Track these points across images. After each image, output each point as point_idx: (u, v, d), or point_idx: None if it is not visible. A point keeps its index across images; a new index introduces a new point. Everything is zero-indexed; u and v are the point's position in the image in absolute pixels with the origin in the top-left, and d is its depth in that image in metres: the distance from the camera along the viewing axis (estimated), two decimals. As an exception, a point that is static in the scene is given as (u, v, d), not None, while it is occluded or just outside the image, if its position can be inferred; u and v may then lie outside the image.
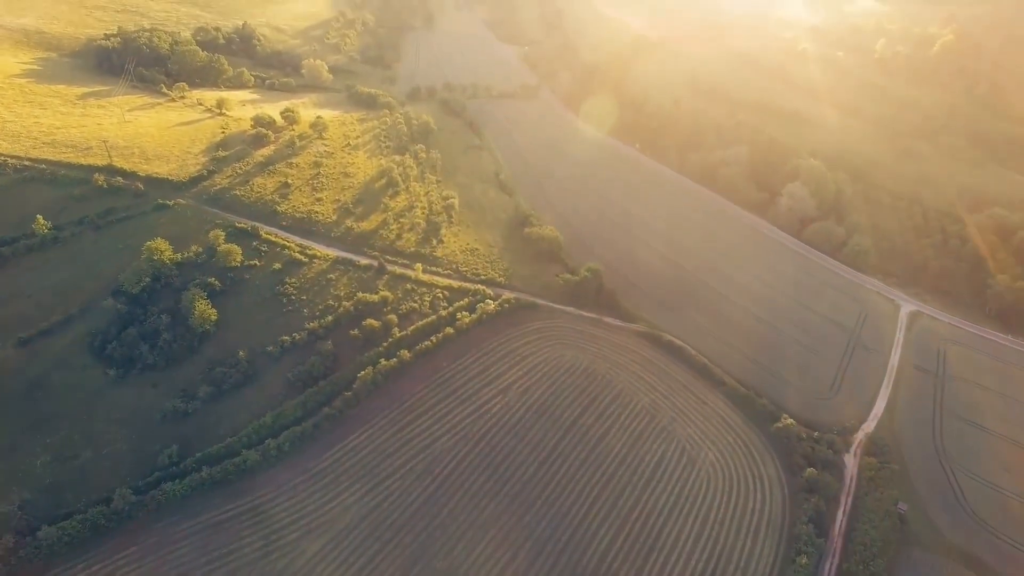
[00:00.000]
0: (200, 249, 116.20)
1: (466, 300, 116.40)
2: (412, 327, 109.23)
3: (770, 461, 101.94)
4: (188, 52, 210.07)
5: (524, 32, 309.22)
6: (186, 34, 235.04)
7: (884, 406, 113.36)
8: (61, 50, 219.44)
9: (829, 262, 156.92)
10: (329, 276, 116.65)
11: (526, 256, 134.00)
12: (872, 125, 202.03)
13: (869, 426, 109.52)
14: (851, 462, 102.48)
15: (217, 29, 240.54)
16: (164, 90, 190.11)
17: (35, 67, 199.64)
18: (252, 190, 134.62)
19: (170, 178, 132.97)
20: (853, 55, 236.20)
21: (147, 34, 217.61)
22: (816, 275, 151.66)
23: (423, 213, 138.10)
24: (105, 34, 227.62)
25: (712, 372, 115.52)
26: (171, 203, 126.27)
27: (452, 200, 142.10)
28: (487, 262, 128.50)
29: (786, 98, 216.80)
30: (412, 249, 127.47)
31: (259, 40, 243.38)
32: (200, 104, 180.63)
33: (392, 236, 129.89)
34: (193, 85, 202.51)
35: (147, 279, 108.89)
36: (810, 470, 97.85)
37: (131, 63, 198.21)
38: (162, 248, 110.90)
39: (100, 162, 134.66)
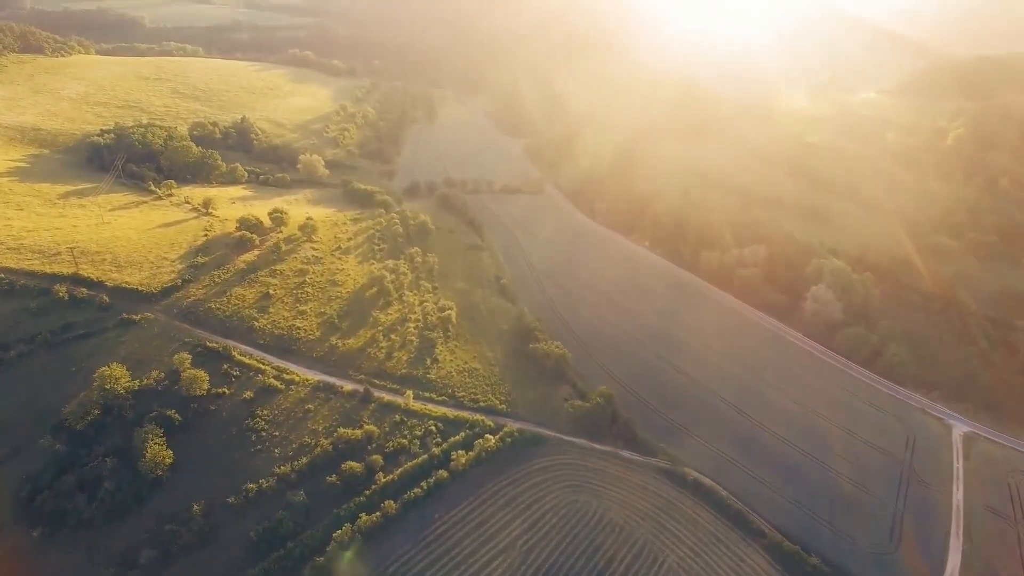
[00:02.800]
0: (162, 374, 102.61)
1: (462, 434, 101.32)
2: (399, 470, 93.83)
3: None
4: (181, 148, 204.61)
5: (526, 123, 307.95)
6: (183, 129, 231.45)
7: (959, 563, 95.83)
8: (54, 147, 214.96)
9: (864, 374, 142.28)
10: (307, 406, 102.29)
11: (530, 376, 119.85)
12: (892, 220, 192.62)
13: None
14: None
15: (214, 124, 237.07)
16: (152, 187, 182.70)
17: (23, 165, 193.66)
18: (229, 302, 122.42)
19: (140, 289, 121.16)
20: (863, 147, 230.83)
21: (141, 130, 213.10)
22: (852, 390, 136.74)
23: (416, 327, 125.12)
24: (101, 130, 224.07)
25: (748, 520, 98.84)
26: (137, 318, 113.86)
27: (449, 312, 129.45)
28: (487, 385, 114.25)
29: (800, 192, 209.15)
30: (403, 371, 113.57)
31: (257, 134, 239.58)
32: (187, 203, 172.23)
33: (381, 355, 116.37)
34: (185, 181, 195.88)
35: (96, 411, 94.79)
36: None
37: (120, 159, 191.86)
38: (117, 375, 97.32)
39: (66, 270, 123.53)
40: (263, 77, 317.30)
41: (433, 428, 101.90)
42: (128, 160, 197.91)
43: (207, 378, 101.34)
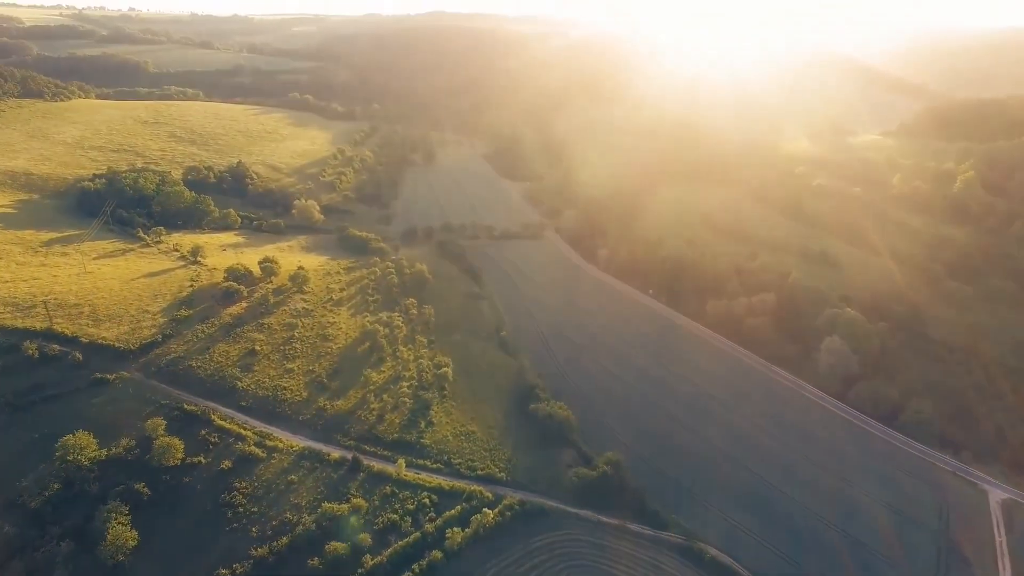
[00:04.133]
0: (133, 442, 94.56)
1: (458, 508, 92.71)
2: (389, 551, 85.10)
3: None
4: (173, 193, 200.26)
5: (526, 167, 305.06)
6: (177, 173, 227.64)
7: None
8: (45, 192, 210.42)
9: (885, 432, 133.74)
10: (290, 477, 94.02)
11: (532, 439, 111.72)
12: (905, 266, 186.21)
13: None
14: None
15: (209, 168, 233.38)
16: (141, 234, 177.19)
17: (10, 210, 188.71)
18: (212, 359, 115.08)
19: (117, 345, 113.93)
20: (870, 190, 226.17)
21: (133, 174, 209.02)
22: (874, 450, 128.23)
23: (410, 387, 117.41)
24: (94, 175, 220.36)
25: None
26: (111, 378, 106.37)
27: (445, 370, 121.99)
28: (485, 450, 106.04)
29: (809, 237, 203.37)
30: (395, 435, 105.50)
31: (252, 178, 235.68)
32: (176, 250, 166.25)
33: (372, 418, 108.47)
34: (176, 227, 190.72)
35: (56, 486, 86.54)
36: None
37: (110, 205, 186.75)
38: (83, 444, 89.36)
39: (39, 325, 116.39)
40: (261, 121, 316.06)
41: (427, 501, 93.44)
42: (118, 205, 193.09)
43: (182, 446, 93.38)
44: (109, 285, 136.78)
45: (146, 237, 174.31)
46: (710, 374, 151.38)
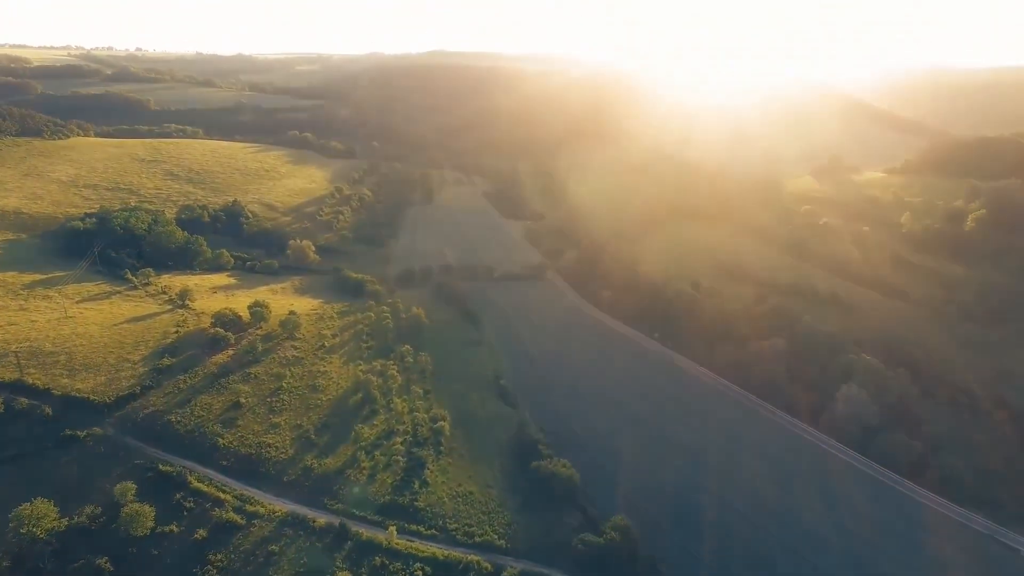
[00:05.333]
0: (99, 509, 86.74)
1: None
2: (376, 635, 76.66)
3: None
4: (164, 233, 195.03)
5: (527, 206, 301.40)
6: (170, 213, 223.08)
7: None
8: (34, 231, 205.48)
9: (911, 489, 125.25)
10: (271, 547, 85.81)
11: (534, 500, 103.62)
12: (920, 308, 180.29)
13: None
14: None
15: (203, 207, 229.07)
16: (129, 276, 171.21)
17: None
18: (193, 413, 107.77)
19: (92, 398, 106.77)
20: (879, 229, 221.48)
21: (125, 214, 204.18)
22: (903, 511, 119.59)
23: (404, 442, 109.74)
24: (86, 213, 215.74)
25: None
26: (82, 434, 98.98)
27: (442, 423, 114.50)
28: (483, 514, 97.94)
29: (817, 278, 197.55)
30: (387, 498, 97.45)
31: (248, 218, 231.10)
32: (164, 293, 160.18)
33: (363, 478, 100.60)
34: (167, 268, 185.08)
35: (6, 563, 78.51)
36: None
37: (98, 246, 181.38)
38: (41, 514, 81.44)
39: (9, 376, 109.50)
40: (260, 159, 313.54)
41: (419, 574, 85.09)
42: (108, 246, 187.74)
43: (153, 514, 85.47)
44: (89, 331, 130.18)
45: (134, 279, 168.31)
46: (721, 425, 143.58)
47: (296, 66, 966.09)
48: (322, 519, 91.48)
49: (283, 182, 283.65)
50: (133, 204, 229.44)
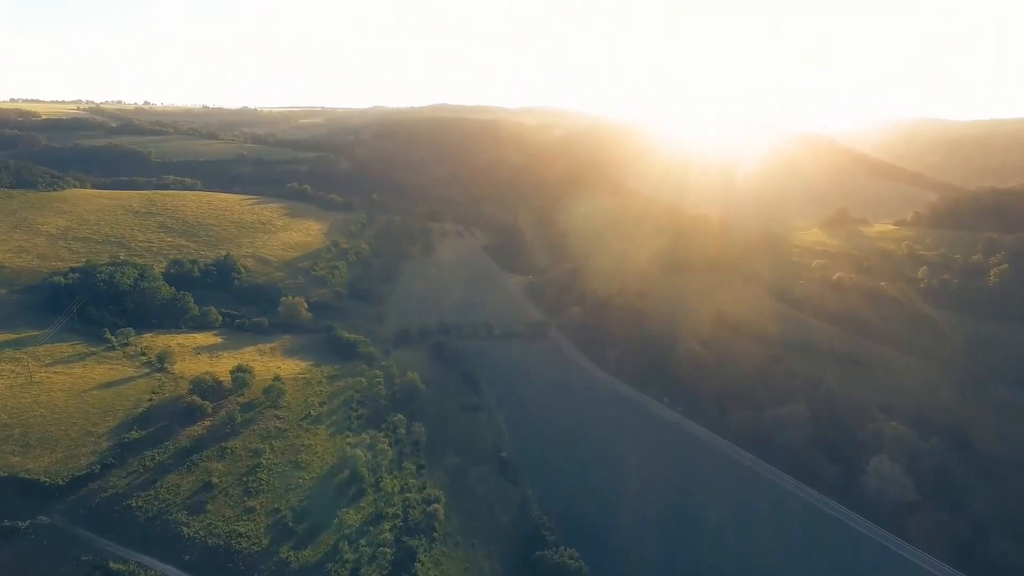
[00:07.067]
0: (35, 620, 74.94)
1: None
2: None
3: None
4: (150, 289, 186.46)
5: (528, 259, 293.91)
6: (159, 267, 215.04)
7: None
8: (15, 286, 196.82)
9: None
10: (231, 666, 73.72)
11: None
12: (947, 369, 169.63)
13: None
14: None
15: (194, 262, 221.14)
16: (108, 335, 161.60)
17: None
18: (157, 496, 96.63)
19: (43, 480, 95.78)
20: (896, 285, 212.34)
21: (110, 268, 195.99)
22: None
23: (393, 529, 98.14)
24: (71, 268, 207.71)
25: None
26: (23, 525, 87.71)
27: (436, 506, 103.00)
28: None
29: (834, 337, 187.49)
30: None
31: (240, 272, 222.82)
32: (143, 355, 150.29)
33: (345, 573, 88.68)
34: (150, 326, 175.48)
35: None
36: None
37: (77, 302, 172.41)
38: (-34, 628, 69.82)
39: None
40: (256, 211, 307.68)
41: None
42: (91, 302, 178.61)
43: (95, 627, 73.73)
44: (54, 399, 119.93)
45: (112, 339, 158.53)
46: (740, 502, 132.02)
47: (300, 119, 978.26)
48: (295, 627, 79.51)
49: (279, 235, 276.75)
50: (122, 258, 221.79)
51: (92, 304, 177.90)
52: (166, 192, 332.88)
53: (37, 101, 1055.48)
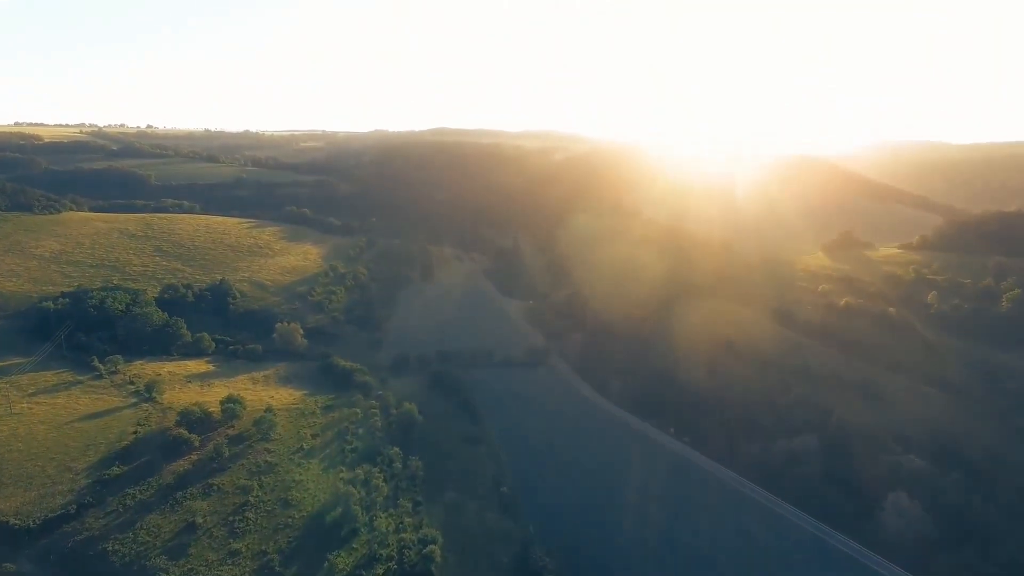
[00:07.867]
0: None
1: None
2: None
3: None
4: (142, 315, 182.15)
5: (529, 284, 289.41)
6: (153, 292, 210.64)
7: None
8: (3, 311, 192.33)
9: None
10: None
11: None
12: (962, 398, 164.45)
13: None
14: None
15: (188, 286, 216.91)
16: (96, 363, 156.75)
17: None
18: (136, 539, 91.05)
19: (13, 522, 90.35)
20: (905, 310, 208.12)
21: (102, 294, 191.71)
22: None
23: (387, 573, 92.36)
24: (62, 292, 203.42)
25: None
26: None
27: (432, 548, 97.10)
28: (481, 675, 79.65)
29: (844, 364, 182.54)
30: (361, 654, 79.63)
31: (235, 297, 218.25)
32: (131, 384, 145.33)
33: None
34: (141, 353, 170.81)
35: None
36: None
37: (65, 329, 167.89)
38: None
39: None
40: (254, 235, 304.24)
41: None
42: (81, 328, 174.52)
43: None
44: (34, 432, 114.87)
45: (101, 367, 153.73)
46: (751, 539, 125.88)
47: (301, 142, 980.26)
48: None
49: (276, 259, 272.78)
50: (116, 282, 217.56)
51: (81, 330, 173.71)
52: (163, 215, 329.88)
53: (41, 125, 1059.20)
